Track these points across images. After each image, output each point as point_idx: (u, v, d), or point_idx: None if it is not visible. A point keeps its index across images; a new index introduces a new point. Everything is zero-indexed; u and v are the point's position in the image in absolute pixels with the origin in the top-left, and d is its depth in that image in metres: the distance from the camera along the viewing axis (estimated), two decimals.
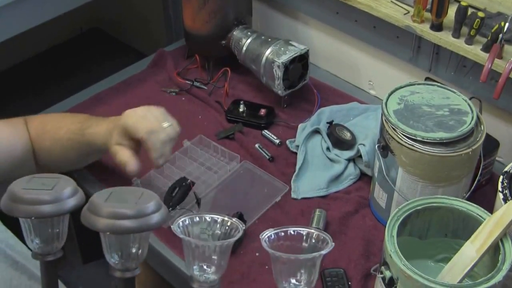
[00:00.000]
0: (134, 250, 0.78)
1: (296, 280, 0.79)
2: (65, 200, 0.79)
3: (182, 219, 0.82)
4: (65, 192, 0.79)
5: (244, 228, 0.83)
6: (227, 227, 0.83)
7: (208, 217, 0.83)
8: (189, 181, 1.21)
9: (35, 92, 2.42)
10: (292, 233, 0.82)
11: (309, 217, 1.21)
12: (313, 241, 0.82)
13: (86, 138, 1.11)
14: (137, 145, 1.05)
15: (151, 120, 1.06)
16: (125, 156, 1.03)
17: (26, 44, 2.33)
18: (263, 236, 0.81)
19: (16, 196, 0.78)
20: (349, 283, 1.10)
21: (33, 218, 0.78)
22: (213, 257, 0.79)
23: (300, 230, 0.82)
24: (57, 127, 1.09)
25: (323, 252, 0.79)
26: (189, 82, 1.57)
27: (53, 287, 0.83)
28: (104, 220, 0.75)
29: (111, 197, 0.79)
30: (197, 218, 0.82)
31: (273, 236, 0.81)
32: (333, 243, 0.80)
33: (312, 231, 0.82)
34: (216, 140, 1.40)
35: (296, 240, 0.82)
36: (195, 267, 0.79)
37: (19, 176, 0.97)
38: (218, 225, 0.83)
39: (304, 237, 0.82)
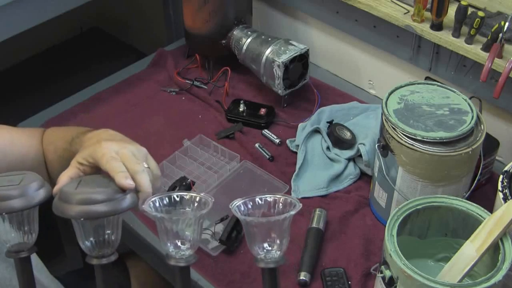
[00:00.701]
0: (107, 236, 0.80)
1: (269, 245, 0.80)
2: (33, 194, 0.81)
3: (153, 199, 0.82)
4: (31, 186, 0.82)
5: (213, 200, 0.83)
6: (196, 203, 0.84)
7: (176, 196, 0.84)
8: (189, 180, 1.22)
9: (35, 92, 2.42)
10: (260, 201, 0.83)
11: (309, 217, 1.21)
12: (281, 206, 0.83)
13: (73, 149, 0.98)
14: (93, 172, 0.95)
15: (133, 160, 0.90)
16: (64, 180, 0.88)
17: (26, 44, 2.32)
18: (232, 205, 0.82)
19: None
20: (349, 282, 1.10)
21: (4, 214, 0.80)
22: (186, 232, 0.80)
23: (266, 198, 0.83)
24: (60, 136, 1.06)
25: (292, 212, 0.80)
26: (189, 82, 1.57)
27: (29, 283, 0.84)
28: (76, 207, 0.77)
29: (81, 185, 0.81)
30: (167, 199, 0.83)
31: (242, 207, 0.82)
32: (301, 204, 0.82)
33: (278, 196, 0.84)
34: (216, 140, 1.40)
35: (265, 208, 0.83)
36: (169, 245, 0.80)
37: None
38: (188, 202, 0.84)
39: (272, 204, 0.83)
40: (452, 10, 1.25)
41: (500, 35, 1.18)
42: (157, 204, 0.83)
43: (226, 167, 1.31)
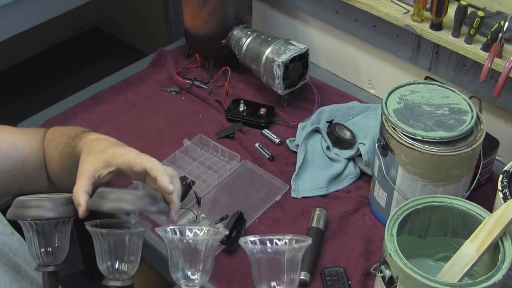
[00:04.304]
0: (126, 258, 0.83)
1: (277, 283, 0.80)
2: (63, 207, 0.86)
3: (167, 228, 0.85)
4: (63, 200, 0.86)
5: (226, 233, 0.85)
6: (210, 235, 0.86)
7: (189, 230, 0.86)
8: (189, 180, 1.21)
9: (36, 92, 2.43)
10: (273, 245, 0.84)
11: (309, 216, 1.21)
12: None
13: (77, 149, 0.99)
14: (100, 183, 0.95)
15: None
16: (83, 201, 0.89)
17: (27, 44, 2.33)
18: (246, 241, 0.83)
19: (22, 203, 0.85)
20: (349, 282, 1.10)
21: (30, 220, 0.83)
22: (199, 261, 0.81)
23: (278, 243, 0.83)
24: (63, 133, 1.04)
25: (302, 244, 0.81)
26: (189, 82, 1.57)
27: None
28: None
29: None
30: (178, 232, 0.85)
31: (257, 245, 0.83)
32: (310, 241, 0.83)
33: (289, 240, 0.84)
34: (216, 140, 1.40)
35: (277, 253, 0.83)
36: (179, 274, 0.81)
37: (32, 188, 0.96)
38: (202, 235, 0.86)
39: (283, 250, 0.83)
40: (452, 10, 1.25)
41: (500, 34, 1.18)
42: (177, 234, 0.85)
43: (226, 167, 1.31)
